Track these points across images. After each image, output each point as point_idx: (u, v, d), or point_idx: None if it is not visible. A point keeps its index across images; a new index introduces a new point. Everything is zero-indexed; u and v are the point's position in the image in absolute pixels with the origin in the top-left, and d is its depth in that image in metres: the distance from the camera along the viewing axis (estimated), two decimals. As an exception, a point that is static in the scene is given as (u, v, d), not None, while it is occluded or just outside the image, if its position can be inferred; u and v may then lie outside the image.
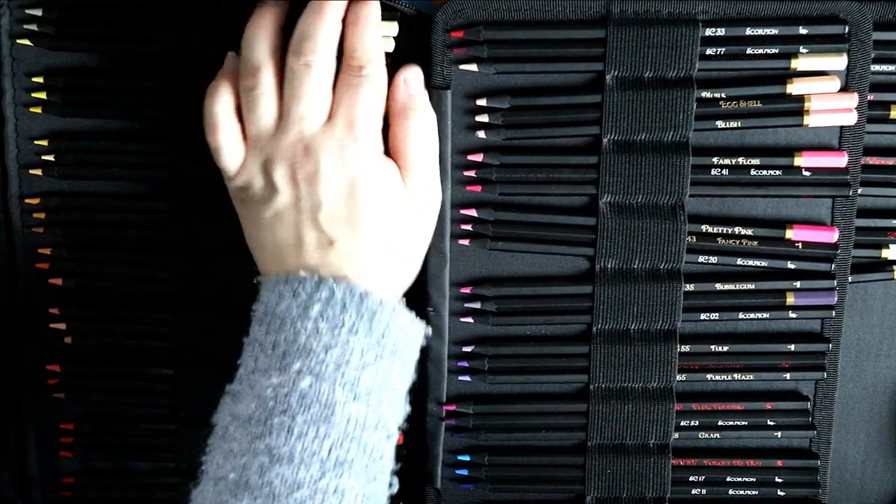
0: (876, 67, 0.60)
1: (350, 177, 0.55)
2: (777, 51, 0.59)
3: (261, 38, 0.55)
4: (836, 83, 0.59)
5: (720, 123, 0.60)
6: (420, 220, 0.58)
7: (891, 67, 0.60)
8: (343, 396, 0.51)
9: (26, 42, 0.61)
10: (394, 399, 0.54)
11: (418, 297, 0.62)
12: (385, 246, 0.56)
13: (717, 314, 0.63)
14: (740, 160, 0.61)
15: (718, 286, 0.62)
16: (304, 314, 0.52)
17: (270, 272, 0.56)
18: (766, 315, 0.62)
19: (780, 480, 0.64)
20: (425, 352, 0.62)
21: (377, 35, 0.56)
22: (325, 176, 0.54)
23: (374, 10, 0.56)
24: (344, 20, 0.55)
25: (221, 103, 0.56)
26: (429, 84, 0.59)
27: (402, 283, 0.58)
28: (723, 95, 0.60)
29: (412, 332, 0.55)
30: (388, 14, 0.58)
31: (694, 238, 0.61)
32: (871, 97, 0.60)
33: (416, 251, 0.59)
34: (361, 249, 0.55)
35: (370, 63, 0.55)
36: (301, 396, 0.51)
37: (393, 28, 0.59)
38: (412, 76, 0.57)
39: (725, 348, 0.63)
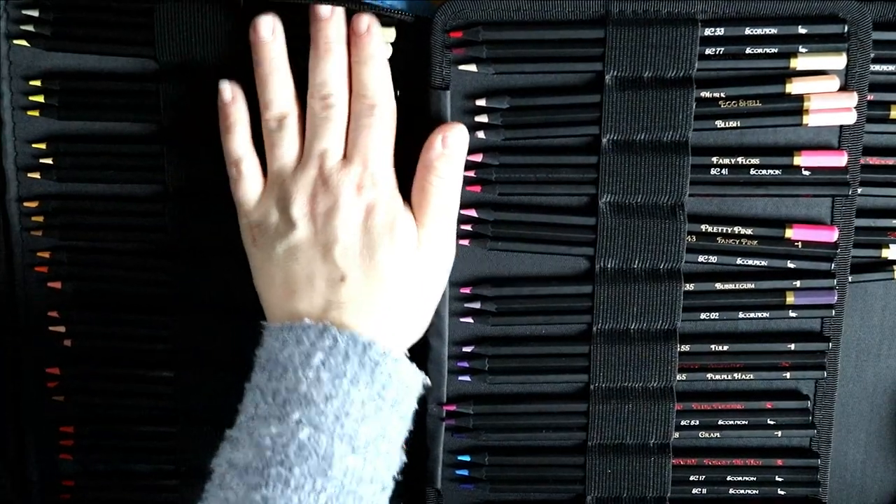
0: (876, 67, 0.60)
1: (366, 212, 0.56)
2: (776, 50, 0.59)
3: (280, 80, 0.57)
4: (835, 82, 0.59)
5: (720, 123, 0.60)
6: (430, 274, 0.58)
7: (890, 67, 0.60)
8: (341, 449, 0.51)
9: (23, 44, 0.61)
10: (390, 451, 0.54)
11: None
12: (394, 289, 0.56)
13: (717, 314, 0.62)
14: (740, 160, 0.60)
15: (718, 286, 0.62)
16: (307, 362, 0.52)
17: (276, 316, 0.56)
18: (766, 314, 0.62)
19: (780, 480, 0.64)
20: (425, 352, 0.63)
21: (386, 70, 0.57)
22: (343, 210, 0.55)
23: (378, 46, 0.57)
24: (351, 55, 0.57)
25: (238, 139, 0.58)
26: (428, 85, 0.59)
27: (407, 335, 0.58)
28: (722, 95, 0.59)
29: (413, 383, 0.56)
30: (386, 19, 0.58)
31: (694, 238, 0.61)
32: (870, 97, 0.60)
33: (425, 304, 0.59)
34: (371, 289, 0.55)
35: (381, 100, 0.57)
36: (299, 447, 0.51)
37: (390, 33, 0.59)
38: (453, 136, 0.58)
39: (725, 348, 0.63)
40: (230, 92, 0.58)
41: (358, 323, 0.54)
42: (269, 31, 0.57)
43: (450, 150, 0.57)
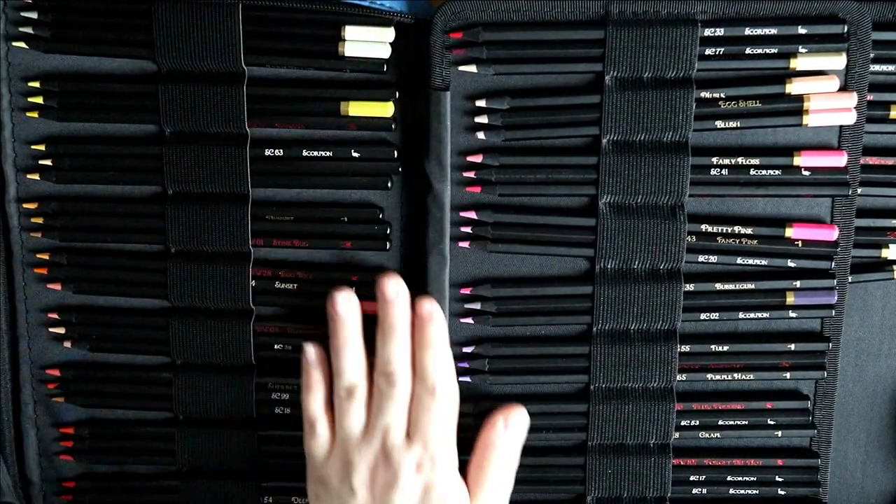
0: (875, 67, 0.60)
1: (423, 491, 0.58)
2: (776, 50, 0.59)
3: (353, 355, 0.59)
4: (835, 82, 0.59)
5: (720, 123, 0.60)
6: None
7: (890, 67, 0.60)
8: None
9: (22, 45, 0.61)
10: None
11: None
12: None
13: (717, 314, 0.62)
14: (740, 160, 0.60)
15: (718, 286, 0.62)
16: None
17: None
18: (766, 315, 0.62)
19: (780, 479, 0.64)
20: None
21: (446, 355, 0.59)
22: (401, 488, 0.58)
23: (439, 332, 0.59)
24: (413, 336, 0.59)
25: (315, 401, 0.60)
26: (428, 86, 0.59)
27: None
28: (722, 95, 0.59)
29: None
30: (384, 20, 0.58)
31: (694, 238, 0.61)
32: (870, 97, 0.60)
33: None
34: None
35: (441, 384, 0.58)
36: None
37: (389, 34, 0.59)
38: (514, 420, 0.61)
39: (725, 348, 0.63)
40: (314, 354, 0.60)
41: None
42: (345, 308, 0.59)
43: (511, 431, 0.61)
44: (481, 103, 0.60)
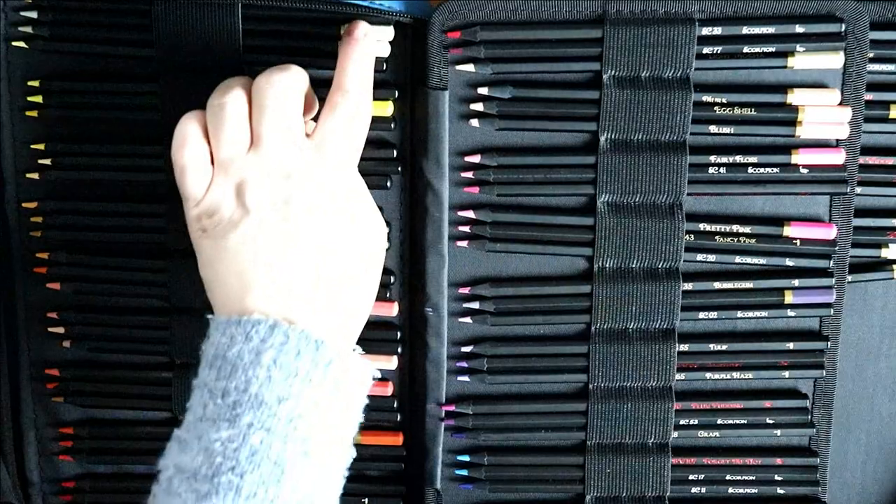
0: (874, 67, 0.60)
1: (322, 191, 0.53)
2: (774, 49, 0.59)
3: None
4: (836, 95, 0.59)
5: (713, 128, 0.60)
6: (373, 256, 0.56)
7: (889, 67, 0.60)
8: (294, 454, 0.48)
9: (22, 45, 0.61)
10: (343, 451, 0.52)
11: (418, 298, 0.63)
12: (345, 284, 0.53)
13: (716, 313, 0.62)
14: (738, 158, 0.60)
15: (717, 285, 0.62)
16: (257, 360, 0.49)
17: (224, 310, 0.53)
18: (764, 314, 0.62)
19: (779, 478, 0.64)
20: (424, 352, 0.63)
21: (364, 65, 0.55)
22: (296, 199, 0.52)
23: (365, 51, 0.55)
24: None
25: (191, 123, 0.54)
26: (426, 85, 0.59)
27: (355, 327, 0.55)
28: (720, 100, 0.59)
29: (366, 379, 0.53)
30: (383, 19, 0.58)
31: (692, 237, 0.61)
32: (870, 97, 0.60)
33: (369, 290, 0.56)
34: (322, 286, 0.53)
35: (357, 88, 0.54)
36: (251, 453, 0.47)
37: (388, 32, 0.59)
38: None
39: (724, 347, 0.63)
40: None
41: (306, 319, 0.51)
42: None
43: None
44: (483, 91, 0.60)
